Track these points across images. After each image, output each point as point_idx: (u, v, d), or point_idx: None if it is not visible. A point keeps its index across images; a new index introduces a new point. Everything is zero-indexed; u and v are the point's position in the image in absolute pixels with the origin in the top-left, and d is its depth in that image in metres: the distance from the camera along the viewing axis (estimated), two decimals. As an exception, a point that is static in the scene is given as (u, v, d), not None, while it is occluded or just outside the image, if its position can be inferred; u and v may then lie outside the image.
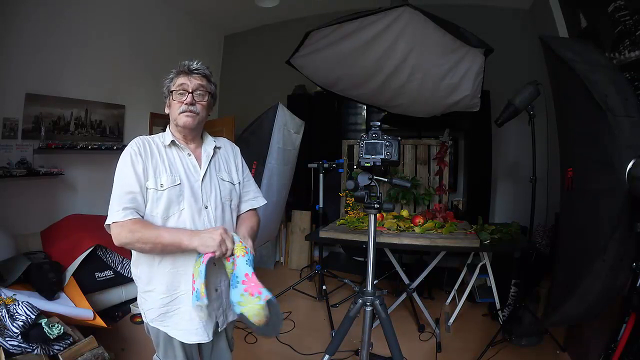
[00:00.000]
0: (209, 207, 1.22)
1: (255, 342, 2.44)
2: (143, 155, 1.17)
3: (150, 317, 1.22)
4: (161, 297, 1.18)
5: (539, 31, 2.80)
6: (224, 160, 1.33)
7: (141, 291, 1.24)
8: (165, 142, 1.23)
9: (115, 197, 1.13)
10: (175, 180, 1.18)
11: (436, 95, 2.85)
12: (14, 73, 2.72)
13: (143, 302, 1.25)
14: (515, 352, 2.24)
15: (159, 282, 1.18)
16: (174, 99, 1.21)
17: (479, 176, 3.76)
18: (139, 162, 1.15)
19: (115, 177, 1.16)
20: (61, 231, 2.77)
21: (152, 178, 1.15)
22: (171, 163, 1.21)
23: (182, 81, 1.21)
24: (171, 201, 1.16)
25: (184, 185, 1.19)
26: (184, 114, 1.21)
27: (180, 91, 1.20)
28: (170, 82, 1.24)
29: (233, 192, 1.31)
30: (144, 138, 1.22)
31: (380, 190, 1.44)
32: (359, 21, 2.48)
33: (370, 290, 1.48)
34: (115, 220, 1.09)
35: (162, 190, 1.15)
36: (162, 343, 1.24)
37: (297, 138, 3.39)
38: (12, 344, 1.68)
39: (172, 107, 1.24)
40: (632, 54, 2.00)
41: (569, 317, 1.69)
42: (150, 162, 1.17)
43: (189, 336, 1.20)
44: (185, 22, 4.34)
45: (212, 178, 1.26)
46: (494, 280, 2.64)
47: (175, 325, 1.20)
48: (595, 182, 1.50)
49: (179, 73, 1.23)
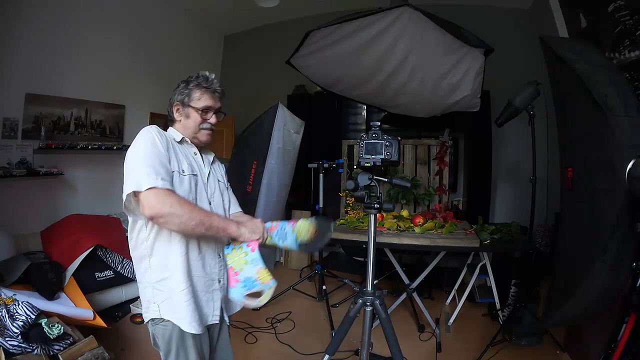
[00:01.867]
0: (212, 203, 1.27)
1: (255, 342, 2.44)
2: (164, 139, 1.18)
3: (165, 309, 1.17)
4: (180, 282, 1.15)
5: (539, 31, 2.81)
6: (218, 168, 1.42)
7: (154, 281, 1.19)
8: (176, 138, 1.26)
9: (145, 166, 1.06)
10: (193, 170, 1.23)
11: (436, 95, 2.85)
12: (14, 73, 2.72)
13: (157, 294, 1.18)
14: (515, 352, 2.24)
15: (175, 267, 1.16)
16: (201, 116, 1.26)
17: (479, 176, 3.76)
18: (163, 142, 1.15)
19: (140, 150, 1.10)
20: (61, 231, 2.77)
21: (174, 162, 1.16)
22: (186, 156, 1.24)
23: (209, 102, 1.26)
24: (190, 188, 1.19)
25: (199, 177, 1.24)
26: (206, 132, 1.28)
27: (205, 110, 1.26)
28: (192, 93, 1.25)
29: (228, 194, 1.41)
30: (156, 127, 1.21)
31: (380, 190, 1.44)
32: (359, 21, 2.48)
33: (370, 290, 1.48)
34: (154, 186, 1.03)
35: (184, 175, 1.18)
36: (174, 346, 1.19)
37: (297, 138, 3.39)
38: (12, 344, 1.68)
39: (190, 119, 1.27)
40: (632, 54, 2.00)
41: (569, 317, 1.69)
42: (170, 147, 1.18)
43: (202, 325, 1.21)
44: (185, 22, 4.34)
45: (214, 178, 1.33)
46: (494, 280, 2.64)
47: (192, 315, 1.17)
48: (595, 182, 1.50)
49: (200, 87, 1.25)
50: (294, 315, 2.83)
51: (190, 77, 1.29)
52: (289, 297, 3.13)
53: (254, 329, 2.57)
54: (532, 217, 2.37)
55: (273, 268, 4.10)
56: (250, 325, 2.60)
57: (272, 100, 3.12)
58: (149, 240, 1.17)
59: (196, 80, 1.27)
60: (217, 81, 1.29)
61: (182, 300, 1.16)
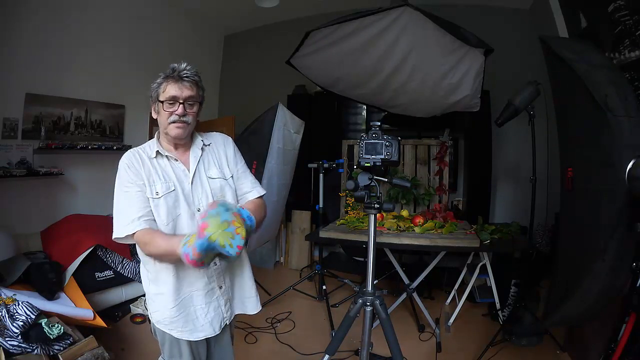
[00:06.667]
0: (201, 210, 1.20)
1: (255, 342, 2.44)
2: (136, 166, 1.18)
3: (157, 318, 1.23)
4: (169, 301, 1.20)
5: (539, 31, 2.80)
6: (214, 156, 1.31)
7: (151, 292, 1.25)
8: (151, 154, 1.22)
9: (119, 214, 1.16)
10: (169, 187, 1.19)
11: (436, 95, 2.85)
12: (14, 73, 2.72)
13: (151, 302, 1.26)
14: (515, 352, 2.24)
15: (164, 285, 1.20)
16: (165, 109, 1.19)
17: (479, 176, 3.76)
18: (132, 174, 1.17)
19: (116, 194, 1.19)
20: (61, 231, 2.77)
21: (147, 187, 1.17)
22: (163, 170, 1.21)
23: (173, 92, 1.17)
24: (169, 207, 1.17)
25: (177, 191, 1.20)
26: (175, 125, 1.19)
27: (171, 101, 1.18)
28: (159, 87, 1.19)
29: (226, 188, 1.28)
30: (134, 150, 1.23)
31: (380, 190, 1.44)
32: (359, 21, 2.48)
33: (370, 290, 1.48)
34: (131, 233, 1.12)
35: (158, 198, 1.16)
36: (167, 343, 1.25)
37: (297, 138, 3.38)
38: (12, 344, 1.68)
39: (160, 115, 1.21)
40: (632, 54, 2.01)
41: (569, 317, 1.69)
42: (143, 172, 1.18)
43: (197, 334, 1.23)
44: (185, 22, 4.33)
45: (201, 180, 1.25)
46: (494, 280, 2.64)
47: (183, 327, 1.21)
48: (595, 182, 1.51)
49: (167, 78, 1.18)
50: (294, 315, 2.83)
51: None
52: (289, 297, 3.13)
53: (254, 329, 2.57)
54: (532, 217, 2.36)
55: (273, 268, 4.10)
56: (250, 325, 2.60)
57: (272, 100, 3.12)
58: (145, 256, 1.22)
59: (164, 74, 1.20)
60: (190, 70, 1.19)
61: (171, 316, 1.20)
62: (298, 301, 3.13)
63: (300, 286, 3.27)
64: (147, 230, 1.12)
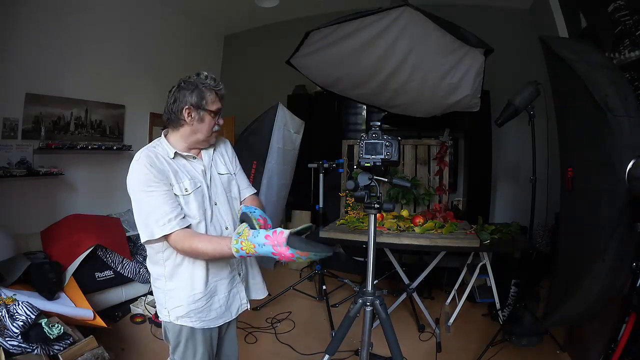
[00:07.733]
0: (218, 204, 1.28)
1: (255, 342, 2.44)
2: (159, 165, 1.17)
3: (177, 314, 1.22)
4: (197, 292, 1.21)
5: (539, 31, 2.80)
6: (219, 155, 1.38)
7: (166, 289, 1.23)
8: (169, 155, 1.22)
9: (150, 215, 1.12)
10: (196, 183, 1.23)
11: (436, 95, 2.85)
12: (14, 73, 2.72)
13: (169, 299, 1.23)
14: (515, 352, 2.24)
15: (182, 279, 1.21)
16: (213, 118, 1.26)
17: (479, 176, 3.76)
18: (157, 172, 1.15)
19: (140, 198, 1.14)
20: (61, 231, 2.77)
21: (175, 184, 1.18)
22: (186, 169, 1.24)
23: (219, 104, 1.26)
24: (199, 203, 1.21)
25: (203, 187, 1.25)
26: (215, 134, 1.31)
27: (217, 113, 1.27)
28: (204, 95, 1.21)
29: (232, 182, 1.37)
30: (148, 150, 1.20)
31: (380, 190, 1.44)
32: (358, 21, 2.48)
33: (370, 290, 1.48)
34: (167, 233, 1.11)
35: (188, 194, 1.19)
36: (183, 340, 1.25)
37: (297, 138, 3.39)
38: (12, 344, 1.68)
39: (205, 122, 1.24)
40: (632, 54, 2.01)
41: (569, 317, 1.69)
42: (169, 170, 1.18)
43: (217, 320, 1.26)
44: (185, 22, 4.34)
45: (214, 176, 1.32)
46: (494, 280, 2.64)
47: (206, 316, 1.23)
48: (595, 182, 1.51)
49: (210, 89, 1.23)
50: (294, 315, 2.83)
51: (189, 77, 1.23)
52: (289, 297, 3.13)
53: (254, 329, 2.57)
54: (532, 217, 2.36)
55: (273, 268, 4.10)
56: (250, 325, 2.60)
57: (272, 100, 3.12)
58: (165, 252, 1.21)
59: (204, 82, 1.22)
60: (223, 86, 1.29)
61: (198, 307, 1.22)
62: (298, 301, 3.13)
63: (300, 286, 3.27)
64: (185, 229, 1.13)
